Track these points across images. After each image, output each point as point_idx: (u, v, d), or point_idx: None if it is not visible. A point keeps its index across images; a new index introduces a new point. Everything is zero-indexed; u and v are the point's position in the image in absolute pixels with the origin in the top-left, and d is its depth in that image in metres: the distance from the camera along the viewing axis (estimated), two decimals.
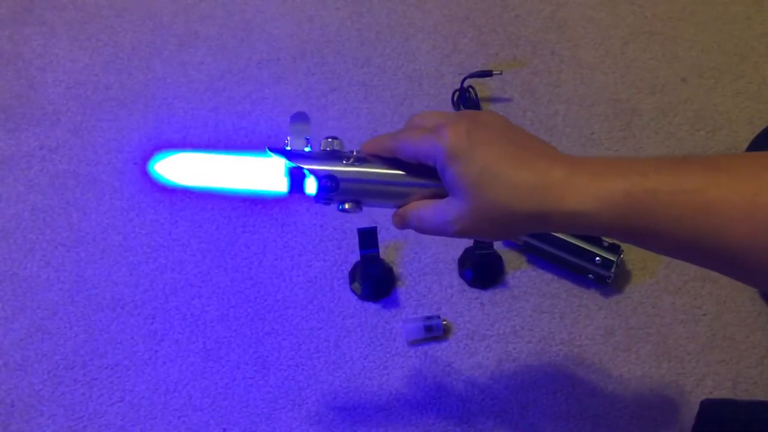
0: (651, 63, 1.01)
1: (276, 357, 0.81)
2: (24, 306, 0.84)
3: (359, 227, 0.78)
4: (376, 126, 0.97)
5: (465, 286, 0.84)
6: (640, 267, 0.85)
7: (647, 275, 0.84)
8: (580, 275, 0.83)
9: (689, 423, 0.73)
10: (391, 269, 0.85)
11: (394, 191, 0.54)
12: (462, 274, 0.85)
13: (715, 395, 0.77)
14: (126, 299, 0.84)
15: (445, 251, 0.86)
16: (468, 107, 0.97)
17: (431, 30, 1.05)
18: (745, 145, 0.90)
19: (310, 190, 0.54)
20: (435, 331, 0.80)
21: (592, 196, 0.45)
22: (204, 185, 0.56)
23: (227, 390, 0.79)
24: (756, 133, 0.88)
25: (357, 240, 0.79)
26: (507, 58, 1.02)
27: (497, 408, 0.77)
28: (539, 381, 0.79)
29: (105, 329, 0.83)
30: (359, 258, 0.82)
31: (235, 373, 0.80)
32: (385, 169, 0.54)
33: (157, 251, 0.88)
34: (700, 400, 0.72)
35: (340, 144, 0.55)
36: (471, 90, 0.97)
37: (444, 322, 0.81)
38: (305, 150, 0.55)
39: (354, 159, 0.54)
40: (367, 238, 0.78)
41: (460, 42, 1.04)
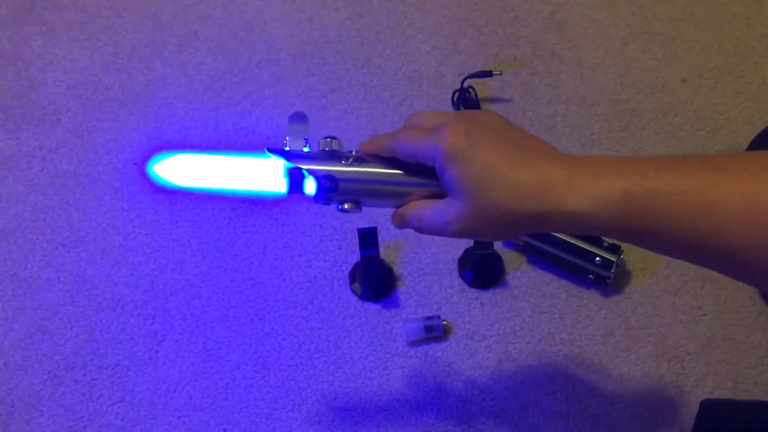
0: (651, 63, 1.01)
1: (276, 357, 0.81)
2: (24, 306, 0.84)
3: (359, 227, 0.78)
4: (376, 126, 0.97)
5: (465, 286, 0.84)
6: (640, 267, 0.85)
7: (647, 275, 0.84)
8: (580, 275, 0.83)
9: (689, 423, 0.73)
10: (391, 269, 0.85)
11: (393, 191, 0.54)
12: (462, 274, 0.85)
13: (715, 395, 0.77)
14: (126, 299, 0.84)
15: (445, 251, 0.87)
16: (468, 107, 0.97)
17: (431, 30, 1.05)
18: (745, 145, 0.90)
19: (309, 190, 0.54)
20: (435, 332, 0.80)
21: (591, 196, 0.45)
22: (203, 186, 0.55)
23: (227, 390, 0.79)
24: (756, 133, 0.88)
25: (357, 240, 0.79)
26: (507, 58, 1.02)
27: (497, 408, 0.77)
28: (539, 381, 0.79)
29: (105, 329, 0.83)
30: (359, 258, 0.82)
31: (236, 374, 0.80)
32: (384, 169, 0.53)
33: (158, 251, 0.88)
34: (700, 400, 0.72)
35: (338, 144, 0.55)
36: (471, 90, 0.97)
37: (444, 322, 0.81)
38: (304, 150, 0.55)
39: (353, 159, 0.53)
40: (367, 238, 0.78)
41: (460, 42, 1.04)
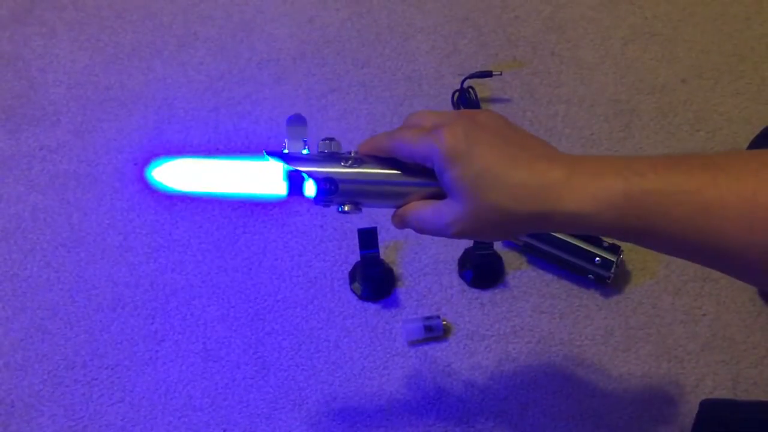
0: (651, 63, 1.01)
1: (276, 357, 0.81)
2: (24, 306, 0.84)
3: (359, 227, 0.78)
4: (375, 126, 0.97)
5: (465, 286, 0.84)
6: (640, 267, 0.85)
7: (647, 275, 0.84)
8: (580, 275, 0.83)
9: (689, 423, 0.73)
10: (391, 269, 0.85)
11: (393, 192, 0.53)
12: (462, 274, 0.85)
13: (715, 395, 0.77)
14: (126, 299, 0.84)
15: (445, 251, 0.87)
16: (468, 108, 0.97)
17: (431, 31, 1.05)
18: (745, 146, 0.90)
19: (309, 192, 0.54)
20: (435, 332, 0.80)
21: (590, 197, 0.45)
22: (202, 191, 0.55)
23: (227, 390, 0.79)
24: (756, 133, 0.88)
25: (357, 240, 0.79)
26: (507, 58, 1.02)
27: (497, 408, 0.77)
28: (539, 381, 0.79)
29: (105, 329, 0.83)
30: (359, 258, 0.82)
31: (235, 374, 0.80)
32: (384, 170, 0.53)
33: (158, 251, 0.88)
34: (700, 400, 0.72)
35: (337, 145, 0.54)
36: (471, 91, 0.97)
37: (444, 322, 0.81)
38: (303, 152, 0.54)
39: (352, 161, 0.53)
40: (367, 238, 0.78)
41: (459, 43, 1.04)
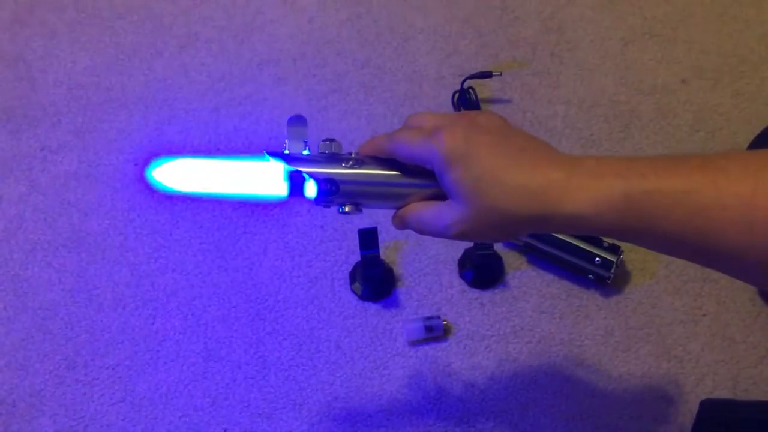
0: (650, 64, 1.01)
1: (276, 357, 0.81)
2: (25, 306, 0.84)
3: (360, 228, 0.78)
4: (376, 127, 0.97)
5: (465, 286, 0.84)
6: (640, 267, 0.85)
7: (647, 275, 0.85)
8: (580, 275, 0.83)
9: (689, 423, 0.73)
10: (392, 270, 0.85)
11: (393, 193, 0.53)
12: (462, 274, 0.85)
13: (715, 395, 0.77)
14: (127, 299, 0.85)
15: (445, 252, 0.87)
16: (468, 108, 0.97)
17: (431, 31, 1.06)
18: (745, 146, 0.90)
19: (309, 193, 0.53)
20: (435, 332, 0.80)
21: (590, 198, 0.45)
22: (203, 191, 0.55)
23: (228, 390, 0.79)
24: (756, 134, 0.88)
25: (357, 240, 0.79)
26: (507, 59, 1.03)
27: (497, 408, 0.77)
28: (539, 381, 0.79)
29: (106, 329, 0.83)
30: (360, 258, 0.82)
31: (236, 374, 0.80)
32: (385, 171, 0.53)
33: (158, 252, 0.88)
34: (700, 400, 0.72)
35: (338, 146, 0.54)
36: (471, 91, 0.98)
37: (444, 322, 0.81)
38: (303, 153, 0.54)
39: (353, 161, 0.53)
40: (368, 238, 0.78)
41: (460, 43, 1.04)
